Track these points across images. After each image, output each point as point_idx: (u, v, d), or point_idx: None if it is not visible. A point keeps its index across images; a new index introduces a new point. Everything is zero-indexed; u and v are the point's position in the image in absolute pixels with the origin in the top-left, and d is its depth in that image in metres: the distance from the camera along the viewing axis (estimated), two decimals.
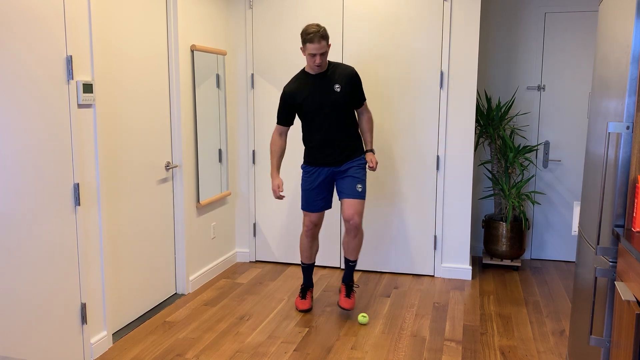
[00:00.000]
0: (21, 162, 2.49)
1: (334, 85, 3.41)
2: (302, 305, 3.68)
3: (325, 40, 3.28)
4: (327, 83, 3.42)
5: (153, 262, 3.64)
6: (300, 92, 3.43)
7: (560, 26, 4.56)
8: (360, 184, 3.49)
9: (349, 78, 3.45)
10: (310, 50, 3.28)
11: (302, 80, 3.46)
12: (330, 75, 3.44)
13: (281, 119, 3.53)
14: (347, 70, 3.47)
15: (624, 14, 2.12)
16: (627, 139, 2.05)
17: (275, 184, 3.52)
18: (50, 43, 2.62)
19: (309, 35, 3.24)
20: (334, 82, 3.42)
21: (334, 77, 3.43)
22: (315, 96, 3.41)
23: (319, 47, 3.26)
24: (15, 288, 2.47)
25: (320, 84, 3.42)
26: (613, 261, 2.12)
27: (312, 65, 3.33)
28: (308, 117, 3.47)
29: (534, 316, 3.62)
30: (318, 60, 3.29)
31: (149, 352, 3.07)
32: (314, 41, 3.24)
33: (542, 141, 4.70)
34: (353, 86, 3.46)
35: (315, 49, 3.26)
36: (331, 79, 3.43)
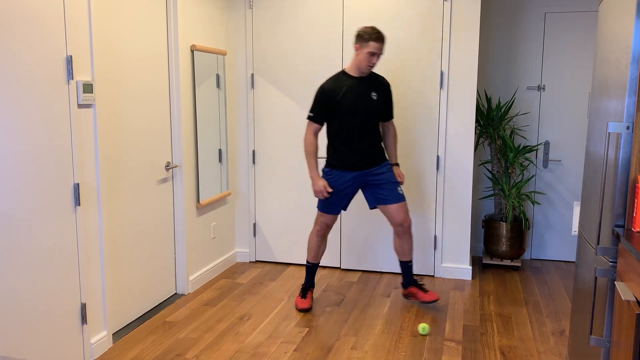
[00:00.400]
0: (21, 162, 2.49)
1: (372, 92, 3.48)
2: (302, 304, 3.67)
3: (384, 43, 3.43)
4: (366, 88, 3.48)
5: (153, 262, 3.64)
6: (339, 90, 3.45)
7: (560, 26, 4.56)
8: (399, 187, 3.59)
9: (386, 89, 3.57)
10: (372, 49, 3.34)
11: (342, 80, 3.48)
12: (369, 81, 3.50)
13: (317, 117, 3.49)
14: (384, 81, 3.57)
15: (624, 14, 2.12)
16: (627, 139, 2.05)
17: (321, 185, 3.50)
18: (50, 43, 2.62)
19: (376, 33, 3.34)
20: (372, 89, 3.49)
21: (373, 84, 3.51)
22: (353, 97, 3.44)
23: (380, 47, 3.36)
24: (15, 288, 2.47)
25: (359, 87, 3.46)
26: (613, 261, 2.12)
27: (366, 65, 3.39)
28: (343, 118, 3.47)
29: (534, 316, 3.62)
30: (375, 59, 3.38)
31: (149, 352, 3.07)
32: (378, 41, 3.34)
33: (542, 141, 4.70)
34: (387, 98, 3.58)
35: (377, 49, 3.35)
36: (370, 85, 3.49)
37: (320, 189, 3.49)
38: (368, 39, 3.34)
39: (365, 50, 3.36)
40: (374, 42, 3.33)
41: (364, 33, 3.36)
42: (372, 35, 3.33)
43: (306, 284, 3.76)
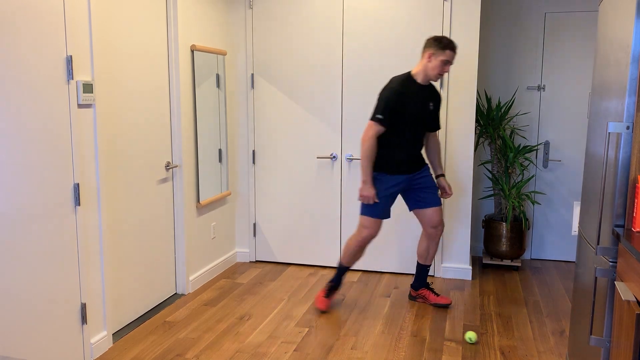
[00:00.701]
0: (21, 162, 2.49)
1: (430, 102, 3.51)
2: (322, 305, 3.67)
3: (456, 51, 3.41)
4: (426, 96, 3.50)
5: (153, 262, 3.64)
6: (409, 95, 3.42)
7: (560, 26, 4.56)
8: (437, 191, 3.64)
9: (439, 100, 3.60)
10: (448, 57, 3.35)
11: (410, 84, 3.45)
12: (428, 90, 3.51)
13: (385, 118, 3.37)
14: (438, 92, 3.59)
15: (624, 14, 2.12)
16: (627, 139, 2.05)
17: (373, 192, 3.45)
18: (50, 43, 2.62)
19: (450, 43, 3.34)
20: (430, 98, 3.52)
21: (431, 93, 3.53)
22: (418, 105, 3.45)
23: (454, 56, 3.37)
24: (15, 288, 2.47)
25: (422, 94, 3.47)
26: (613, 261, 2.12)
27: (437, 73, 3.38)
28: (407, 124, 3.44)
29: (534, 316, 3.62)
30: (447, 68, 3.38)
31: (149, 352, 3.07)
32: (455, 49, 3.36)
33: (542, 141, 4.70)
34: (438, 108, 3.60)
35: (452, 57, 3.36)
36: (429, 94, 3.51)
37: (371, 195, 3.44)
38: (445, 47, 3.33)
39: (440, 58, 3.35)
40: (450, 51, 3.34)
41: (440, 41, 3.34)
42: (449, 44, 3.33)
43: (335, 284, 3.72)
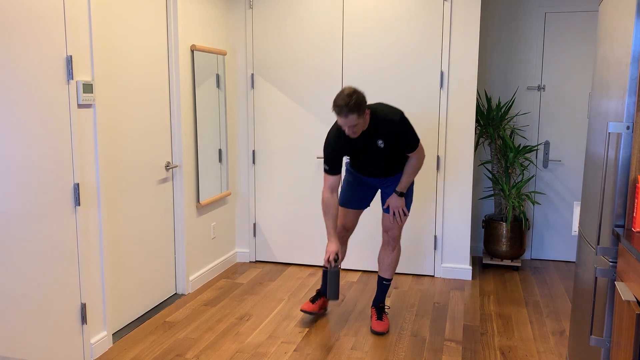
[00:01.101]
0: (21, 162, 2.49)
1: (377, 140, 3.11)
2: (307, 307, 3.50)
3: (354, 112, 2.87)
4: (369, 140, 3.13)
5: (153, 262, 3.64)
6: (343, 145, 3.16)
7: (560, 26, 4.56)
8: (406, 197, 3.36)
9: (393, 131, 3.09)
10: (341, 123, 2.96)
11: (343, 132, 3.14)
12: (372, 130, 3.09)
13: (331, 168, 3.17)
14: (390, 124, 3.08)
15: (624, 14, 2.12)
16: (627, 139, 2.05)
17: (334, 250, 3.19)
18: (50, 43, 2.62)
19: (336, 107, 2.89)
20: (376, 137, 3.11)
21: (377, 131, 3.09)
22: (358, 149, 3.18)
23: (346, 122, 2.91)
24: (15, 288, 2.47)
25: (362, 140, 3.14)
26: (613, 261, 2.12)
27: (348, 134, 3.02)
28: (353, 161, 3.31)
29: (534, 316, 3.62)
30: (348, 130, 2.98)
31: (149, 352, 3.07)
32: (340, 115, 2.90)
33: (542, 141, 4.70)
34: (398, 139, 3.12)
35: (342, 123, 2.94)
36: (373, 134, 3.10)
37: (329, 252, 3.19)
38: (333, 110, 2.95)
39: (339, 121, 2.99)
40: (338, 116, 2.92)
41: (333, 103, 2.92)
42: (333, 108, 2.92)
43: (320, 290, 3.61)
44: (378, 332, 3.35)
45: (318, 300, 3.56)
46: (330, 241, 3.23)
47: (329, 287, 3.21)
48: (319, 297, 3.57)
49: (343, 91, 2.91)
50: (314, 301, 3.55)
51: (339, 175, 3.21)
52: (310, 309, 3.51)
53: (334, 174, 3.19)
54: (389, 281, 3.46)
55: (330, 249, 3.20)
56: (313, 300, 3.55)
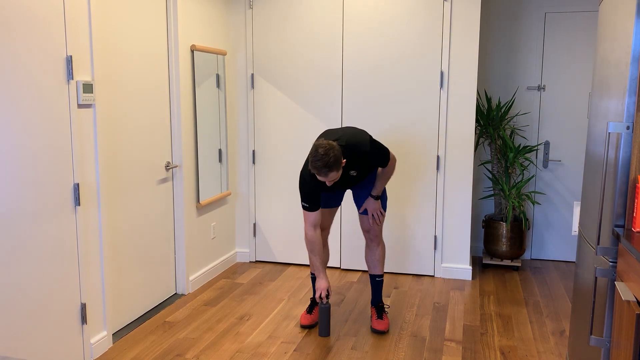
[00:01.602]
0: (21, 162, 2.49)
1: (350, 171, 3.12)
2: (305, 320, 3.44)
3: (334, 170, 2.87)
4: (342, 174, 3.12)
5: (153, 262, 3.64)
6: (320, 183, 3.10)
7: (560, 26, 4.56)
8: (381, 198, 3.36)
9: (364, 161, 3.10)
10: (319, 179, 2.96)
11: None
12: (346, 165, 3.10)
13: (311, 206, 3.13)
14: (360, 155, 3.08)
15: (624, 14, 2.12)
16: (627, 139, 2.05)
17: (325, 287, 3.18)
18: (50, 43, 2.62)
19: (314, 169, 2.87)
20: (349, 169, 3.12)
21: (350, 165, 3.10)
22: (334, 185, 3.14)
23: (326, 179, 2.93)
24: (15, 288, 2.47)
25: None
26: (613, 261, 2.12)
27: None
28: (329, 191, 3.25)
29: (534, 316, 3.62)
30: (328, 184, 3.00)
31: (149, 352, 3.07)
32: (320, 175, 2.89)
33: (542, 141, 4.70)
34: (370, 164, 3.15)
35: (322, 180, 2.95)
36: (346, 168, 3.11)
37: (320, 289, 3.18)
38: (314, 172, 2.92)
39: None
40: (318, 176, 2.91)
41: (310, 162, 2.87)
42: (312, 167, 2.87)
43: (313, 298, 3.54)
44: (379, 331, 3.35)
45: (315, 309, 3.51)
46: (320, 278, 3.21)
47: (320, 323, 3.27)
48: (315, 306, 3.52)
49: (317, 149, 2.84)
50: (311, 311, 3.49)
51: (319, 211, 3.17)
52: (310, 321, 3.44)
53: (315, 210, 3.15)
54: (381, 277, 3.46)
55: (321, 286, 3.19)
56: (310, 311, 3.50)
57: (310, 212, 3.15)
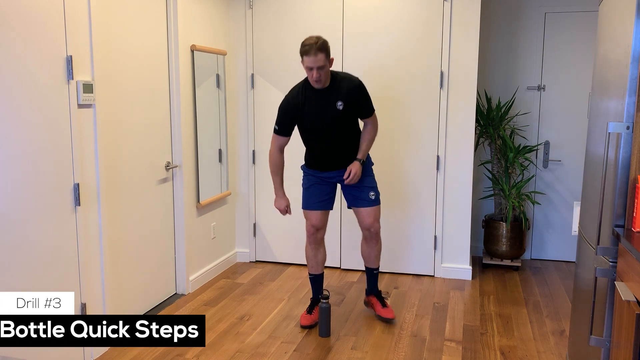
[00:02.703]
0: (21, 162, 2.49)
1: (337, 102, 3.19)
2: (305, 321, 3.41)
3: (323, 53, 3.03)
4: (328, 99, 3.20)
5: (153, 262, 3.64)
6: (300, 104, 3.22)
7: (560, 26, 4.56)
8: (373, 192, 3.40)
9: (353, 92, 3.23)
10: (307, 64, 3.04)
11: (303, 91, 3.23)
12: (333, 90, 3.20)
13: (280, 129, 3.30)
14: (351, 84, 3.23)
15: (624, 14, 2.12)
16: (627, 139, 2.05)
17: (283, 205, 3.37)
18: (50, 43, 2.62)
19: (305, 47, 3.02)
20: (336, 97, 3.20)
21: (337, 92, 3.20)
22: (315, 111, 3.22)
23: (315, 60, 3.01)
24: (15, 288, 2.47)
25: (321, 98, 3.21)
26: (613, 261, 2.12)
27: (311, 80, 3.12)
28: (307, 132, 3.33)
29: (534, 316, 3.62)
30: (315, 74, 3.06)
31: (149, 352, 3.07)
32: (309, 53, 3.00)
33: (542, 141, 4.70)
34: (357, 101, 3.26)
35: (311, 62, 3.02)
36: (333, 94, 3.20)
37: (281, 209, 3.39)
38: (300, 53, 3.06)
39: (304, 66, 3.09)
40: (306, 57, 3.02)
41: (301, 46, 3.06)
42: (302, 50, 3.04)
43: (313, 297, 3.52)
44: (386, 319, 3.44)
45: (314, 309, 3.47)
46: (278, 196, 3.40)
47: (320, 323, 3.29)
48: (315, 306, 3.48)
49: (309, 37, 3.08)
50: (311, 311, 3.47)
51: (287, 138, 3.35)
52: (310, 322, 3.42)
53: (283, 135, 3.33)
54: (378, 269, 3.56)
55: (279, 205, 3.39)
56: (310, 311, 3.47)
57: (278, 135, 3.33)
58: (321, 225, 3.45)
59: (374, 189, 3.42)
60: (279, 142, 3.35)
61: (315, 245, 3.46)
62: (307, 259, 3.52)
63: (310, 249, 3.48)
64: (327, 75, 3.16)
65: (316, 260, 3.48)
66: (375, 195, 3.42)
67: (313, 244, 3.46)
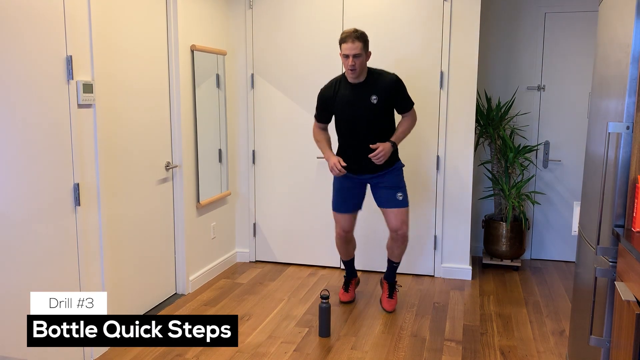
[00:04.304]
0: (21, 162, 2.49)
1: (371, 96, 3.29)
2: (344, 297, 3.74)
3: (360, 42, 3.16)
4: (364, 93, 3.30)
5: (153, 262, 3.64)
6: (335, 97, 3.36)
7: (560, 26, 4.56)
8: (401, 192, 3.46)
9: (389, 87, 3.32)
10: (344, 51, 3.18)
11: (339, 85, 3.37)
12: (369, 85, 3.31)
13: (319, 117, 3.52)
14: (387, 78, 3.34)
15: (624, 14, 2.12)
16: (627, 139, 2.05)
17: (332, 161, 3.34)
18: (50, 43, 2.62)
19: (343, 34, 3.19)
20: (371, 92, 3.30)
21: (373, 87, 3.30)
22: (350, 105, 3.33)
23: (352, 48, 3.14)
24: (15, 288, 2.47)
25: (357, 92, 3.32)
26: (613, 261, 2.12)
27: (347, 69, 3.22)
28: (341, 125, 3.43)
29: (534, 316, 3.62)
30: (351, 61, 3.16)
31: (149, 352, 3.07)
32: (347, 40, 3.15)
33: (542, 141, 4.70)
34: (394, 96, 3.35)
35: (348, 49, 3.15)
36: (369, 89, 3.30)
37: (334, 162, 3.33)
38: (340, 41, 3.23)
39: (341, 53, 3.23)
40: (343, 44, 3.18)
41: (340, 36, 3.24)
42: (340, 37, 3.22)
43: (347, 276, 3.80)
44: (387, 310, 3.60)
45: (350, 286, 3.78)
46: (329, 156, 3.42)
47: (320, 323, 3.31)
48: (350, 282, 3.79)
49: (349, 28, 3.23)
50: (347, 289, 3.77)
51: (326, 125, 3.52)
52: (349, 298, 3.76)
53: (321, 122, 3.52)
54: (398, 264, 3.69)
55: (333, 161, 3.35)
56: (346, 288, 3.77)
57: (318, 121, 3.52)
58: (350, 228, 3.61)
59: (402, 190, 3.49)
60: (318, 125, 3.55)
61: (344, 242, 3.66)
62: (338, 249, 3.74)
63: (340, 244, 3.68)
64: (363, 66, 3.25)
65: (347, 252, 3.73)
66: (402, 196, 3.47)
67: (342, 241, 3.65)
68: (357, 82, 3.32)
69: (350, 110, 3.34)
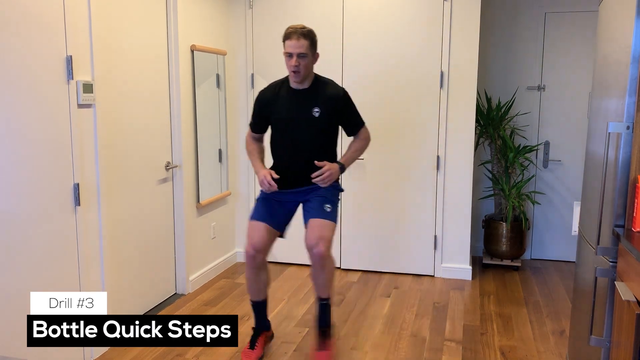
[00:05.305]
0: (21, 162, 2.49)
1: (313, 107, 2.83)
2: (247, 358, 2.89)
3: (307, 40, 2.75)
4: (305, 103, 2.85)
5: (153, 262, 3.64)
6: (272, 103, 2.90)
7: (560, 26, 4.56)
8: (330, 205, 2.84)
9: (334, 102, 2.86)
10: (287, 48, 2.74)
11: (279, 89, 2.92)
12: (312, 93, 2.86)
13: (254, 127, 3.05)
14: (334, 91, 2.89)
15: (624, 14, 2.12)
16: (627, 139, 2.05)
17: (262, 174, 2.84)
18: (50, 43, 2.62)
19: (288, 29, 2.75)
20: (314, 103, 2.84)
21: (317, 97, 2.85)
22: (288, 113, 2.87)
23: (297, 45, 2.71)
24: (15, 288, 2.47)
25: (297, 101, 2.86)
26: (613, 261, 2.12)
27: (289, 70, 2.79)
28: (275, 133, 2.97)
29: (534, 316, 3.62)
30: (294, 61, 2.73)
31: (149, 352, 3.07)
32: (291, 37, 2.73)
33: (542, 141, 4.70)
34: (339, 112, 2.89)
35: (292, 47, 2.73)
36: (312, 98, 2.85)
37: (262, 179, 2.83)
38: (283, 38, 2.77)
39: (284, 52, 2.78)
40: (287, 40, 2.74)
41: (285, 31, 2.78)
42: (284, 33, 2.77)
43: (255, 327, 3.01)
44: None
45: (258, 341, 2.97)
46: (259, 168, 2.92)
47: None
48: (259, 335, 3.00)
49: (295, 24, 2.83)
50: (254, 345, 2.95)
51: (261, 135, 3.06)
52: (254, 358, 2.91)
53: (256, 132, 3.06)
54: (326, 300, 2.91)
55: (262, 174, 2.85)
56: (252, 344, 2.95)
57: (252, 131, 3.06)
58: (262, 247, 2.85)
59: (332, 204, 2.87)
60: (253, 135, 3.09)
61: (255, 269, 2.88)
62: (246, 282, 2.97)
63: (249, 270, 2.89)
64: (308, 70, 2.83)
65: (257, 286, 2.94)
66: (331, 209, 2.85)
67: (253, 267, 2.87)
68: (300, 89, 2.87)
69: (288, 120, 2.88)
